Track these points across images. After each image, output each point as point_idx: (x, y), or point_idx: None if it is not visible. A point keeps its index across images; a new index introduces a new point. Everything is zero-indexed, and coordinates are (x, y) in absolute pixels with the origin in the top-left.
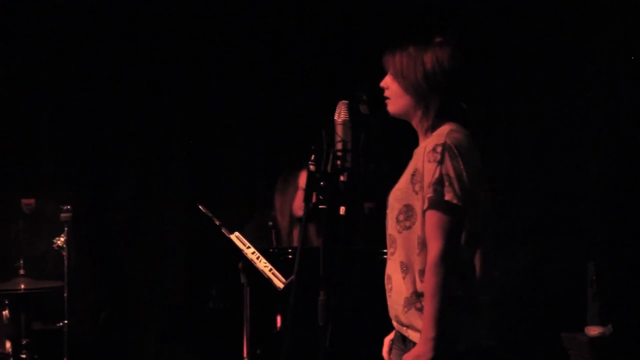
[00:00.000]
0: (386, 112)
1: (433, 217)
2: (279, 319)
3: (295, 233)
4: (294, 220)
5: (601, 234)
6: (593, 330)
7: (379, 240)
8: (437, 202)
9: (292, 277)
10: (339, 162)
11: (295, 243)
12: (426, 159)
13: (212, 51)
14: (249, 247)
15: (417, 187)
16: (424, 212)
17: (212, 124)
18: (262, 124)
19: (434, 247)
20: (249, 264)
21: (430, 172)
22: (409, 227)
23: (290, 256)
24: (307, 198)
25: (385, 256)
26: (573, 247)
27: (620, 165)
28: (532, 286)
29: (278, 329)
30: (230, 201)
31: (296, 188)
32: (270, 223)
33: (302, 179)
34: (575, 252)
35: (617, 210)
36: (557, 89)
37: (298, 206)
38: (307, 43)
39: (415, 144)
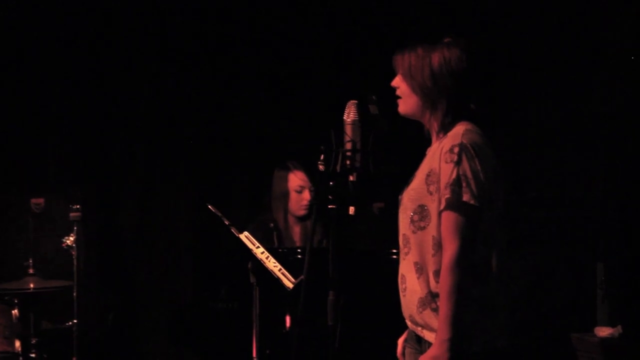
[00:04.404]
0: (395, 112)
1: (450, 217)
2: (288, 318)
3: (295, 233)
4: (289, 220)
5: (610, 235)
6: (603, 331)
7: (388, 240)
8: (454, 203)
9: (302, 277)
10: (348, 162)
11: (298, 243)
12: (443, 159)
13: (217, 53)
14: (258, 247)
15: (431, 188)
16: (440, 212)
17: (218, 125)
18: (267, 123)
19: (450, 248)
20: (259, 263)
21: (447, 172)
22: (423, 228)
23: (299, 256)
24: (316, 197)
25: (393, 256)
26: (582, 249)
27: (624, 165)
28: (541, 287)
29: (287, 329)
30: (236, 200)
31: (287, 190)
32: (272, 225)
33: (292, 181)
34: (584, 253)
35: (626, 211)
36: (558, 89)
37: (295, 207)
38: (312, 45)
39: (424, 143)
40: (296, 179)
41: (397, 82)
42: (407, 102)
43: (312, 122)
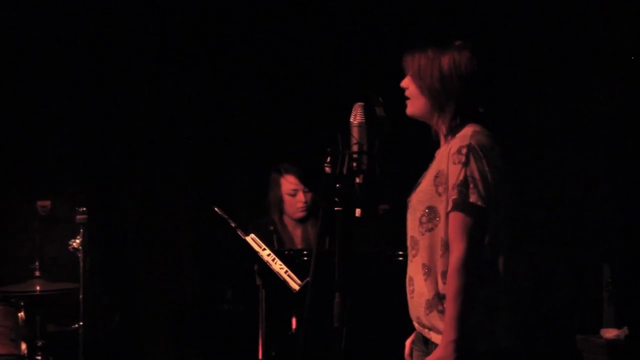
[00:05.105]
0: (397, 112)
1: (457, 219)
2: (294, 320)
3: (296, 235)
4: (289, 224)
5: (614, 236)
6: (608, 333)
7: (394, 242)
8: (461, 204)
9: (308, 278)
10: (354, 164)
11: (299, 245)
12: (451, 160)
13: (217, 53)
14: (264, 249)
15: (440, 189)
16: (447, 213)
17: (218, 125)
18: (267, 124)
19: (457, 249)
20: (265, 266)
21: (455, 173)
22: (431, 229)
23: (305, 258)
24: (322, 200)
25: (399, 258)
26: (583, 249)
27: (624, 165)
28: (547, 288)
29: (293, 331)
30: (236, 201)
31: (280, 194)
32: (271, 227)
33: (283, 185)
34: (585, 253)
35: (627, 211)
36: (558, 89)
37: (292, 210)
38: (312, 45)
39: (428, 145)
40: (287, 183)
41: (406, 82)
42: (416, 104)
43: (313, 122)
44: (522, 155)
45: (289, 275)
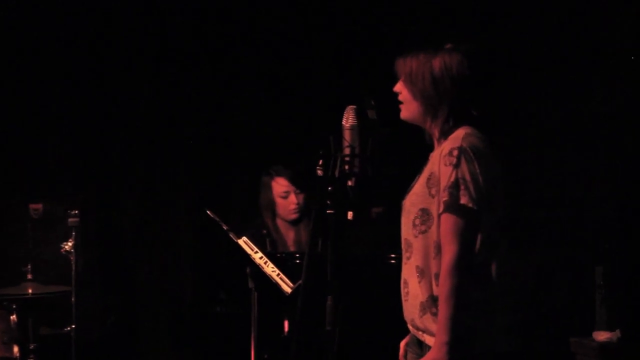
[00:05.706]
0: (394, 115)
1: (448, 220)
2: (286, 323)
3: (288, 238)
4: (281, 226)
5: (611, 237)
6: (601, 335)
7: (386, 244)
8: (452, 206)
9: (300, 281)
10: (346, 167)
11: (292, 248)
12: (442, 162)
13: (217, 53)
14: (256, 252)
15: (433, 191)
16: (439, 215)
17: (218, 125)
18: (267, 124)
19: (449, 251)
20: (257, 268)
21: (446, 175)
22: (425, 232)
23: (297, 261)
24: (314, 202)
25: (392, 261)
26: (582, 250)
27: (624, 165)
28: (540, 291)
29: (285, 334)
30: (236, 201)
31: (272, 197)
32: (265, 231)
33: (275, 188)
34: (584, 254)
35: (626, 212)
36: (558, 89)
37: (284, 213)
38: (312, 45)
39: (425, 148)
40: (278, 186)
41: (399, 87)
42: (409, 108)
43: (313, 123)
44: (522, 155)
45: (280, 278)
